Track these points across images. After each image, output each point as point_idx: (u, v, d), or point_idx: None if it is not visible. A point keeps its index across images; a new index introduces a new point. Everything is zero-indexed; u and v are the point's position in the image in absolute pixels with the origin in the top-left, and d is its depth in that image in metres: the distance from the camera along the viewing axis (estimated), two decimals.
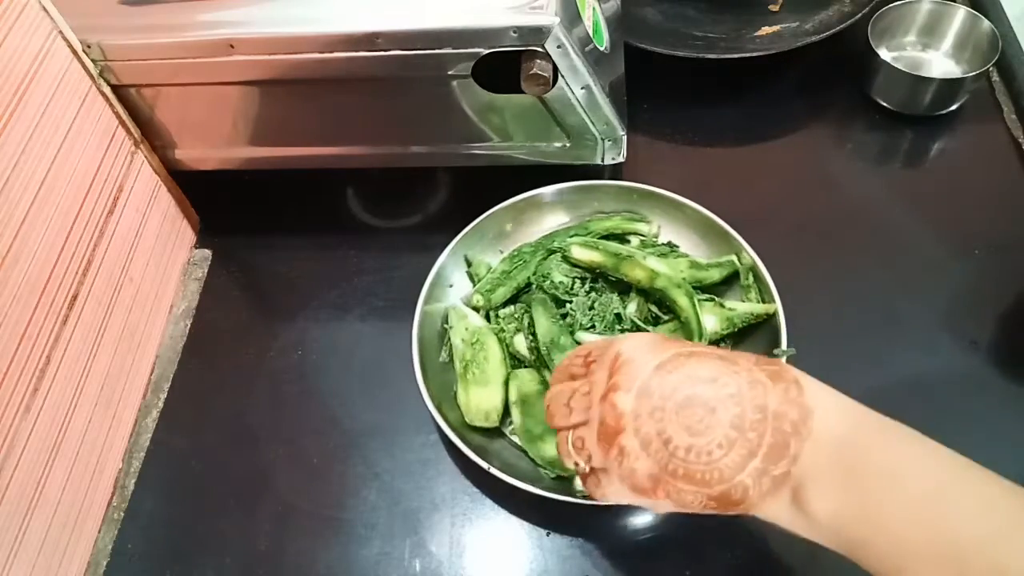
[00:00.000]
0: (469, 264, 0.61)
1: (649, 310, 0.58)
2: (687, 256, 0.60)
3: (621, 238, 0.62)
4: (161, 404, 0.60)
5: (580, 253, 0.59)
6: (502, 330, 0.58)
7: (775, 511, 0.35)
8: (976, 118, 0.72)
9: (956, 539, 0.31)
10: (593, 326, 0.57)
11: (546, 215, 0.63)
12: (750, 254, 0.56)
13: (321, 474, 0.56)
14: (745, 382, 0.35)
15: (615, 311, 0.57)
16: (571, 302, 0.58)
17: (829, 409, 0.34)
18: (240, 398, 0.60)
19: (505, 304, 0.60)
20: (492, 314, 0.60)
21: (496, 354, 0.56)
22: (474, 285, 0.60)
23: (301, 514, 0.54)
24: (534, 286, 0.60)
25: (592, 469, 0.38)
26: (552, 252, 0.61)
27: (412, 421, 0.57)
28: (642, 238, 0.62)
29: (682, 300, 0.55)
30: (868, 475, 0.33)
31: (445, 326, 0.58)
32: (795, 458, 0.33)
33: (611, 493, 0.38)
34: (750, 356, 0.37)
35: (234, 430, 0.59)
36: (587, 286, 0.59)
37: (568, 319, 0.58)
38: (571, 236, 0.61)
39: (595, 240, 0.60)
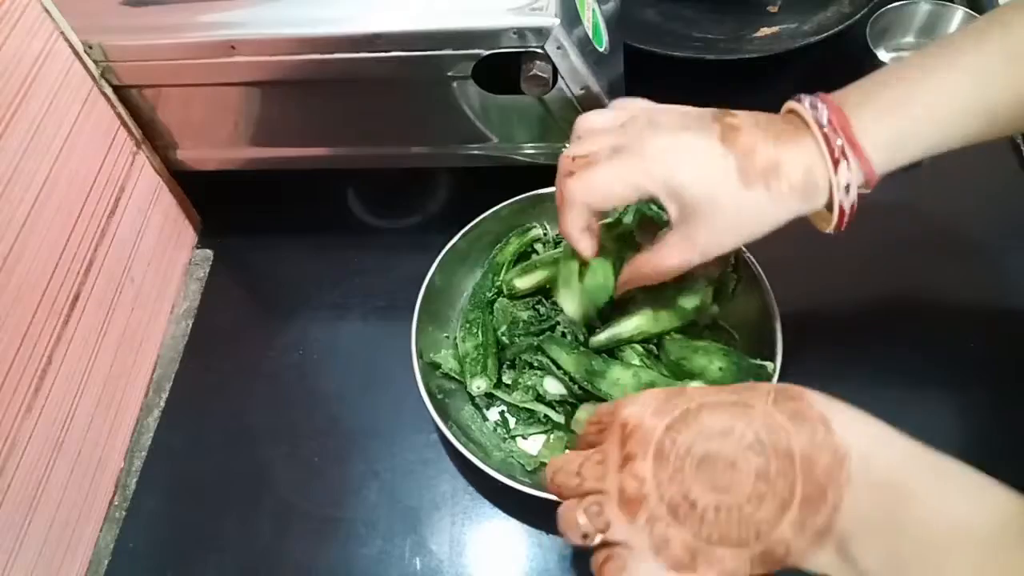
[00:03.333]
0: (438, 367, 0.56)
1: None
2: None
3: (527, 254, 0.62)
4: (162, 404, 0.61)
5: (523, 282, 0.58)
6: (526, 389, 0.55)
7: (823, 565, 0.31)
8: None
9: None
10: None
11: (547, 215, 0.63)
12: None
13: (321, 473, 0.56)
14: (763, 428, 0.32)
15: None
16: (559, 322, 0.56)
17: (866, 449, 0.31)
18: (241, 398, 0.60)
19: (500, 372, 0.56)
20: (501, 388, 0.56)
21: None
22: (462, 377, 0.56)
23: (301, 513, 0.54)
24: (507, 340, 0.57)
25: (608, 547, 0.35)
26: (491, 303, 0.59)
27: (412, 421, 0.57)
28: (543, 240, 0.62)
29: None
30: (917, 523, 0.30)
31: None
32: (836, 507, 0.31)
33: (643, 574, 0.34)
34: (765, 391, 0.34)
35: (235, 429, 0.59)
36: (548, 304, 0.58)
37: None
38: (491, 279, 0.60)
39: (525, 265, 0.59)
